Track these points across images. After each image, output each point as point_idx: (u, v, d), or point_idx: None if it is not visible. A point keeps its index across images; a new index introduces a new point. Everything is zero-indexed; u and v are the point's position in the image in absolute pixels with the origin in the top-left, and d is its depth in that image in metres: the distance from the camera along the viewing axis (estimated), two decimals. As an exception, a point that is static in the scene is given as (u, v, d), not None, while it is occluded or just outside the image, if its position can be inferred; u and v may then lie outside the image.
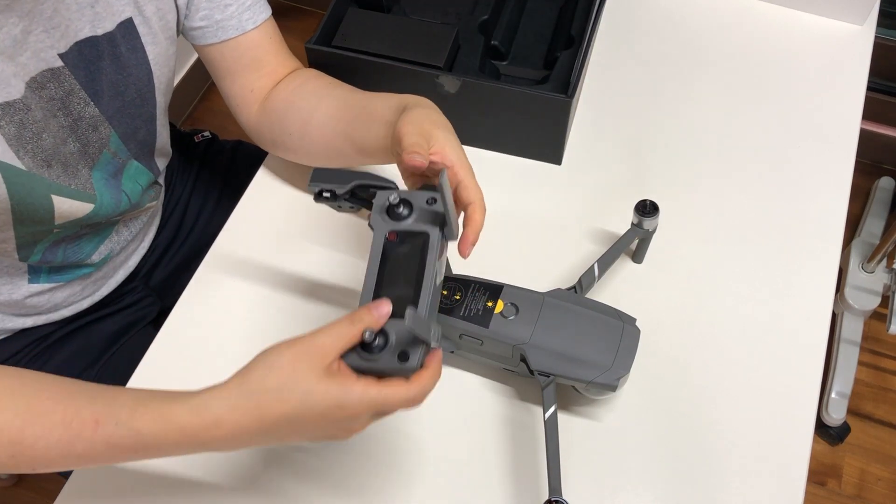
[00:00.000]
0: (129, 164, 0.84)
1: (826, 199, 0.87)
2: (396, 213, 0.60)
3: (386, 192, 0.61)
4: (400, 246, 0.59)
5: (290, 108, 0.83)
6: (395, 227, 0.60)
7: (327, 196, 0.64)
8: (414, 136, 0.64)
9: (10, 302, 0.84)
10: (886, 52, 1.62)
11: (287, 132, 0.84)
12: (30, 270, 0.83)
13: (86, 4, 0.71)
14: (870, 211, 1.74)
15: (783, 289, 0.81)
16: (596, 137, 0.93)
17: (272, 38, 0.85)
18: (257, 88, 0.85)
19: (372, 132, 0.75)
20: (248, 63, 0.84)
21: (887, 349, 1.63)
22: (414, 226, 0.60)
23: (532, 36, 0.97)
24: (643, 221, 0.78)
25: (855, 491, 1.47)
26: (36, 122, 0.70)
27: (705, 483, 0.70)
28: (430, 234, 0.59)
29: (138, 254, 0.97)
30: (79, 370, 0.91)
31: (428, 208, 0.60)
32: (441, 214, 0.59)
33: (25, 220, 0.74)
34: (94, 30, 0.72)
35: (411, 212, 0.60)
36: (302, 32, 2.30)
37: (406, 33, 0.90)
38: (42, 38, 0.68)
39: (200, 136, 1.11)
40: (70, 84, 0.72)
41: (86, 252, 0.86)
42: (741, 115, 0.95)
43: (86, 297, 0.92)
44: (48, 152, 0.72)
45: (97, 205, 0.79)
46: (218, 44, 0.82)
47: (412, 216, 0.60)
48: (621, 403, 0.74)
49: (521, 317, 0.69)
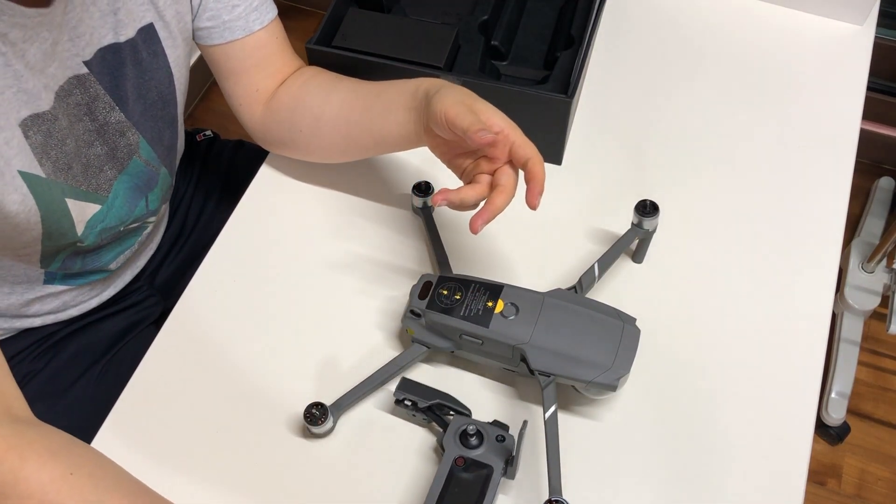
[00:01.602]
0: (161, 172, 0.84)
1: (826, 199, 0.87)
2: (468, 440, 0.66)
3: (462, 419, 0.67)
4: (464, 472, 0.65)
5: (299, 105, 0.83)
6: (464, 454, 0.65)
7: (408, 405, 0.70)
8: (467, 116, 0.66)
9: (21, 302, 0.84)
10: (886, 52, 1.62)
11: (297, 129, 0.83)
12: (46, 275, 0.83)
13: (108, 12, 0.71)
14: (870, 211, 1.74)
15: (783, 289, 0.81)
16: (596, 137, 0.93)
17: (278, 38, 0.85)
18: (262, 88, 0.85)
19: (390, 119, 0.75)
20: (255, 63, 0.84)
21: (887, 349, 1.63)
22: (482, 456, 0.65)
23: (532, 36, 0.97)
24: (643, 221, 0.78)
25: (855, 491, 1.47)
26: (62, 130, 0.70)
27: (705, 483, 0.70)
28: (495, 469, 0.65)
29: (147, 254, 0.97)
30: (83, 368, 0.91)
31: (498, 444, 0.66)
32: (509, 451, 0.65)
33: (53, 234, 0.74)
34: (117, 36, 0.72)
35: (481, 442, 0.65)
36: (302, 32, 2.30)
37: (406, 33, 0.90)
38: (68, 48, 0.68)
39: (202, 136, 1.11)
40: (95, 90, 0.72)
41: (105, 260, 0.86)
42: (741, 115, 0.95)
43: (94, 296, 0.92)
44: (70, 156, 0.72)
45: (106, 205, 0.79)
46: (224, 44, 0.82)
47: (482, 447, 0.65)
48: (621, 403, 0.74)
49: (521, 317, 0.69)
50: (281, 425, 0.74)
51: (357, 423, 0.73)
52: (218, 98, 2.02)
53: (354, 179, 0.89)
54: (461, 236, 0.84)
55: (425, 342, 0.73)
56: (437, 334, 0.73)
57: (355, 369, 0.76)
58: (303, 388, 0.76)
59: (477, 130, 0.64)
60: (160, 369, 0.78)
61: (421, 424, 0.72)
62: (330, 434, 0.73)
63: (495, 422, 0.68)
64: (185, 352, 0.79)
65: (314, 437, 0.73)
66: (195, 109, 2.00)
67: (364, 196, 0.89)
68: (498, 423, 0.68)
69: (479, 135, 0.64)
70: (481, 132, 0.64)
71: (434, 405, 0.69)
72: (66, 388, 0.91)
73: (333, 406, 0.72)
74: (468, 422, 0.67)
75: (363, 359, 0.77)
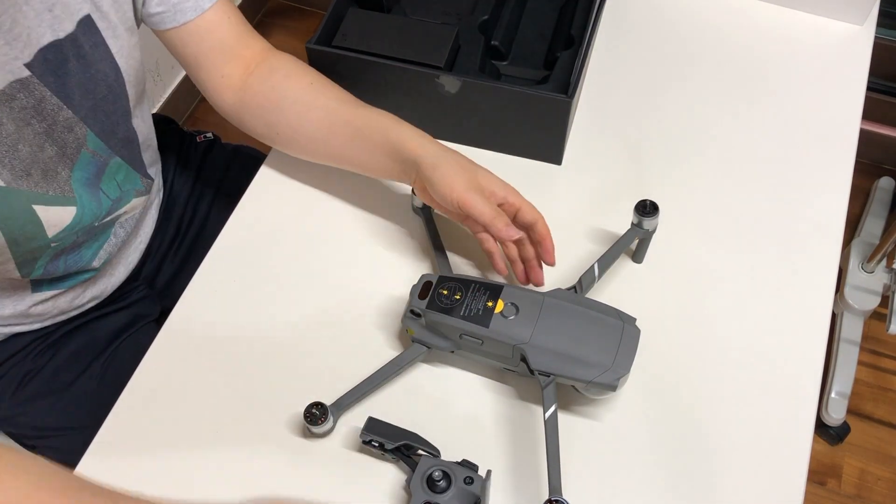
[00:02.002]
0: (111, 162, 0.83)
1: (826, 199, 0.87)
2: (435, 483, 0.65)
3: (429, 461, 0.66)
4: None
5: (275, 108, 0.83)
6: (431, 500, 0.64)
7: (375, 445, 0.69)
8: (485, 207, 0.69)
9: (15, 313, 0.84)
10: (886, 52, 1.62)
11: (273, 130, 0.84)
12: (32, 283, 0.83)
13: (43, 10, 0.69)
14: (870, 211, 1.74)
15: (783, 288, 0.81)
16: (596, 137, 0.93)
17: (231, 18, 0.83)
18: (227, 74, 0.84)
19: (374, 159, 0.78)
20: (212, 46, 0.82)
21: (887, 349, 1.63)
22: (450, 502, 0.64)
23: (532, 36, 0.97)
24: (643, 221, 0.78)
25: (855, 491, 1.47)
26: (10, 135, 0.69)
27: (705, 482, 0.70)
28: None
29: (137, 249, 0.97)
30: (84, 366, 0.92)
31: (465, 487, 0.65)
32: (475, 496, 0.64)
33: (19, 239, 0.73)
34: (56, 34, 0.71)
35: (449, 485, 0.64)
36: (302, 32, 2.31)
37: (406, 33, 0.90)
38: (6, 51, 0.67)
39: (203, 137, 1.11)
40: (40, 92, 0.71)
41: (86, 259, 0.86)
42: (741, 114, 0.95)
43: (88, 299, 0.92)
44: (26, 161, 0.71)
45: (79, 207, 0.78)
46: (178, 27, 0.80)
47: (449, 491, 0.64)
48: (621, 403, 0.74)
49: (521, 317, 0.69)
50: (281, 425, 0.74)
51: (357, 423, 0.73)
52: (218, 98, 2.02)
53: (354, 179, 0.89)
54: (461, 236, 0.84)
55: (425, 342, 0.73)
56: (437, 334, 0.73)
57: (355, 369, 0.76)
58: (303, 388, 0.76)
59: (502, 228, 0.68)
60: (160, 369, 0.78)
61: (390, 461, 0.71)
62: (330, 434, 0.73)
63: (464, 461, 0.67)
64: (185, 352, 0.79)
65: (314, 437, 0.73)
66: (195, 110, 2.00)
67: (364, 196, 0.89)
68: (467, 464, 0.67)
69: (506, 232, 0.68)
70: (508, 230, 0.68)
71: (402, 446, 0.68)
72: (68, 386, 0.91)
73: (333, 406, 0.72)
74: (435, 464, 0.65)
75: (363, 359, 0.77)
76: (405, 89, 0.88)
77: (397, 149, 0.76)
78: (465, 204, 0.69)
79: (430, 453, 0.68)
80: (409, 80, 0.87)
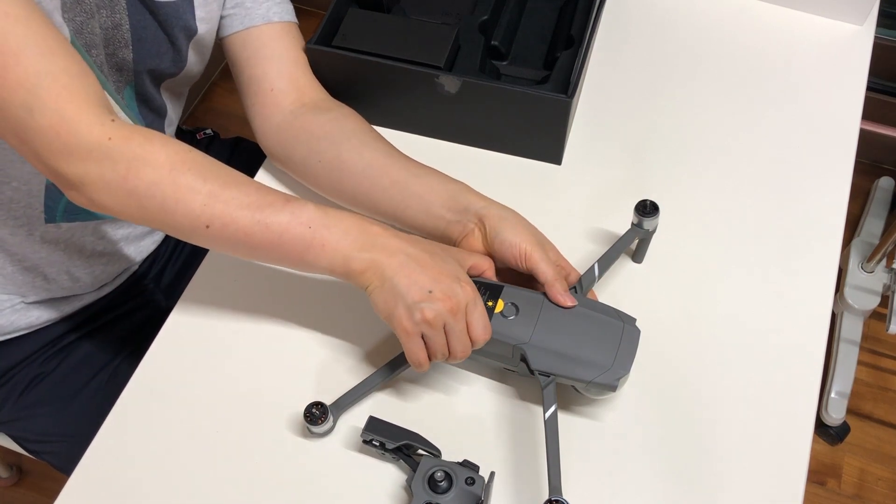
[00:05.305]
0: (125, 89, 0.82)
1: (826, 199, 0.87)
2: (437, 484, 0.65)
3: (430, 461, 0.66)
4: None
5: (326, 136, 0.81)
6: (432, 500, 0.64)
7: (376, 445, 0.69)
8: (546, 264, 0.70)
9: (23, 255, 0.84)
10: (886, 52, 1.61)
11: (316, 157, 0.81)
12: (46, 210, 0.82)
13: None
14: (869, 211, 1.74)
15: (783, 288, 0.81)
16: (596, 137, 0.93)
17: (295, 42, 0.85)
18: (277, 89, 0.83)
19: (420, 219, 0.76)
20: (268, 55, 0.83)
21: (887, 349, 1.64)
22: (450, 502, 0.65)
23: (532, 36, 0.97)
24: (643, 221, 0.78)
25: (855, 491, 1.47)
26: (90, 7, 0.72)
27: (705, 483, 0.70)
28: None
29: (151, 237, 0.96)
30: (92, 373, 0.91)
31: (467, 488, 0.65)
32: (477, 496, 0.64)
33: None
34: None
35: (451, 486, 0.65)
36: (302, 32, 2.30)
37: (406, 33, 0.90)
38: None
39: (203, 134, 1.11)
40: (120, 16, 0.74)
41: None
42: (741, 114, 0.95)
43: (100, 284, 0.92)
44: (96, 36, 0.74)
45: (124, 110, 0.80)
46: (243, 31, 0.83)
47: (451, 491, 0.65)
48: (621, 403, 0.74)
49: (521, 317, 0.69)
50: (281, 425, 0.74)
51: (357, 423, 0.73)
52: (218, 98, 2.02)
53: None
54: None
55: (425, 342, 0.73)
56: (437, 334, 0.73)
57: (355, 369, 0.76)
58: (303, 388, 0.76)
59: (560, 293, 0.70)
60: (160, 369, 0.78)
61: (391, 462, 0.71)
62: (330, 434, 0.73)
63: (465, 462, 0.67)
64: (185, 352, 0.79)
65: (314, 437, 0.73)
66: (196, 109, 2.00)
67: (364, 196, 0.89)
68: (468, 464, 0.67)
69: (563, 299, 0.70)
70: (565, 298, 0.70)
71: (402, 445, 0.68)
72: (76, 393, 0.91)
73: (333, 406, 0.72)
74: (437, 465, 0.65)
75: (363, 359, 0.77)
76: (405, 89, 0.88)
77: (457, 199, 0.75)
78: (531, 258, 0.70)
79: (430, 453, 0.68)
80: (409, 80, 0.87)
